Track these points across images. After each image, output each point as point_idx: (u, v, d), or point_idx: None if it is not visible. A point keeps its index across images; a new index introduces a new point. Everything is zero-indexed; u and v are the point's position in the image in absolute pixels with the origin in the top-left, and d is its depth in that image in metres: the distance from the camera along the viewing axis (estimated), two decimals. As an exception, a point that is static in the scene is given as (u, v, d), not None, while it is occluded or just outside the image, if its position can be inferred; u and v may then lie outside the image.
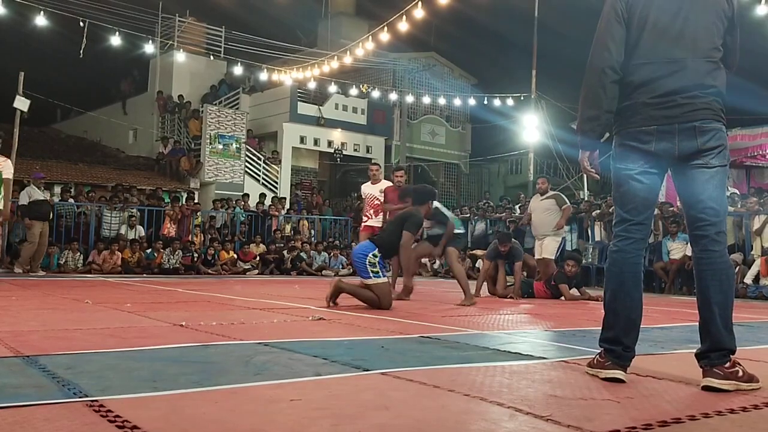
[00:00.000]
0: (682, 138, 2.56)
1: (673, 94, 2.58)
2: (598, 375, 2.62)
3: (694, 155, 2.57)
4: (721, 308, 2.52)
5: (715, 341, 2.50)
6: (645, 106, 2.61)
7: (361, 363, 2.78)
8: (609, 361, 2.61)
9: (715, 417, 2.05)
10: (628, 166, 2.66)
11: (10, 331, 3.57)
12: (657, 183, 2.70)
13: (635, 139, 2.64)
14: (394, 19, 14.27)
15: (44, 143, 20.94)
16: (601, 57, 2.68)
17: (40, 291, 7.01)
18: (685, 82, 2.58)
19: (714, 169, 2.58)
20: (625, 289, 2.65)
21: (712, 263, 2.56)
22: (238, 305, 5.78)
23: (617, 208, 2.76)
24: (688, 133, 2.55)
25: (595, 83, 2.68)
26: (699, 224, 2.60)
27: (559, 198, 9.08)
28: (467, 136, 24.44)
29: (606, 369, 2.60)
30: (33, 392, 2.10)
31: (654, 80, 2.62)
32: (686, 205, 2.66)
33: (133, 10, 17.75)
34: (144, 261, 12.51)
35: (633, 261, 2.67)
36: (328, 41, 21.87)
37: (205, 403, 2.05)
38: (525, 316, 5.76)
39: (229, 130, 18.18)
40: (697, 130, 2.55)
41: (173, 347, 3.15)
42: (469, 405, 2.12)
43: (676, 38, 2.62)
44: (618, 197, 2.73)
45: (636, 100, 2.64)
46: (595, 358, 2.72)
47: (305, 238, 15.42)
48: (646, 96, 2.62)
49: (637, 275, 2.68)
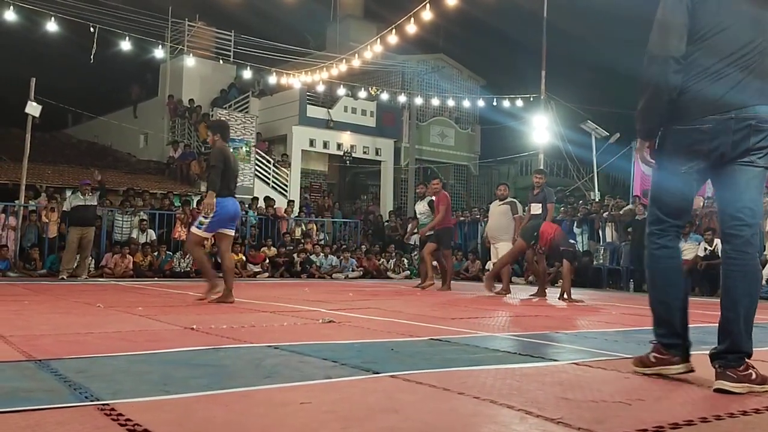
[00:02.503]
0: (737, 135, 2.51)
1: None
2: (665, 372, 2.63)
3: (744, 153, 2.53)
4: (746, 310, 2.49)
5: (734, 343, 2.47)
6: (703, 101, 2.54)
7: (371, 366, 2.78)
8: (675, 356, 2.64)
9: (727, 419, 2.04)
10: (675, 165, 2.63)
11: (23, 335, 3.60)
12: (700, 183, 2.70)
13: (688, 137, 2.59)
14: (402, 22, 14.26)
15: (56, 148, 21.09)
16: (665, 45, 2.58)
17: (52, 295, 7.06)
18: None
19: (759, 169, 2.55)
20: (674, 283, 2.68)
21: (745, 265, 2.53)
22: (249, 308, 5.79)
23: (655, 206, 2.73)
24: (744, 131, 2.50)
25: (657, 72, 2.58)
26: (735, 224, 2.57)
27: (513, 206, 9.31)
28: (476, 138, 24.39)
29: (674, 365, 2.63)
30: (45, 396, 2.11)
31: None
32: (724, 202, 2.63)
33: (144, 16, 17.85)
34: (156, 264, 12.58)
35: (676, 255, 2.73)
36: (337, 44, 21.90)
37: (215, 406, 2.05)
38: (535, 319, 5.74)
39: (238, 134, 18.23)
40: (752, 128, 2.50)
41: (184, 351, 3.16)
42: (478, 408, 2.11)
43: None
44: (658, 195, 2.71)
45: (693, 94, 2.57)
46: (648, 356, 2.72)
47: (314, 241, 15.45)
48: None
49: (681, 269, 2.75)
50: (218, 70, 21.26)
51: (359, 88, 19.62)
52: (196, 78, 21.22)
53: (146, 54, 16.90)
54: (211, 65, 21.05)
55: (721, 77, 2.54)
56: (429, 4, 13.44)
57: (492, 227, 9.56)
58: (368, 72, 20.43)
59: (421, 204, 10.23)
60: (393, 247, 15.81)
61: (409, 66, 22.32)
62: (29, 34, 15.75)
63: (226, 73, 21.72)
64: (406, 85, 22.13)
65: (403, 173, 22.06)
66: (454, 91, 22.59)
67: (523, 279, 13.57)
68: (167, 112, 21.15)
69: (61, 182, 15.67)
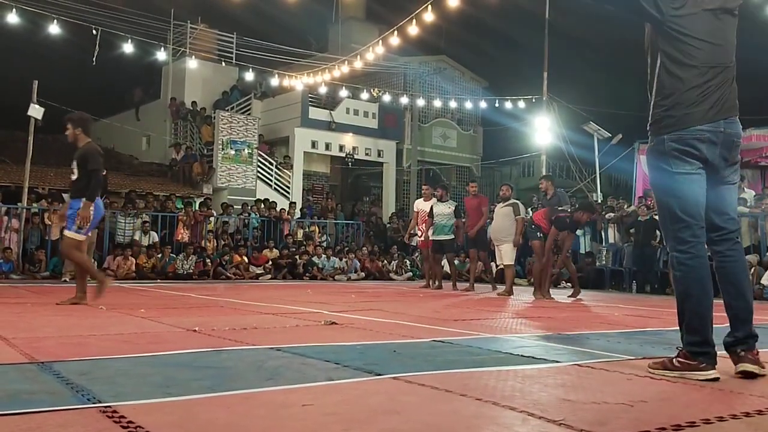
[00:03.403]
0: (723, 148, 2.75)
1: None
2: (694, 377, 2.66)
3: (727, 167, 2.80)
4: (751, 296, 2.79)
5: (749, 328, 2.71)
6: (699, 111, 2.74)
7: (373, 367, 2.78)
8: (703, 363, 2.68)
9: (730, 420, 2.03)
10: (684, 168, 2.75)
11: (25, 337, 3.60)
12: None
13: (687, 144, 2.74)
14: (404, 23, 14.27)
15: (58, 150, 21.02)
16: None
17: (54, 297, 7.06)
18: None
19: (736, 183, 2.87)
20: (706, 292, 2.74)
21: (741, 258, 2.82)
22: (251, 310, 5.79)
23: (677, 212, 2.76)
24: (728, 144, 2.76)
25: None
26: (723, 232, 2.81)
27: (515, 207, 9.37)
28: (479, 139, 24.38)
29: (702, 371, 2.67)
30: (47, 398, 2.12)
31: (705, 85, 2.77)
32: (712, 211, 2.81)
33: (146, 18, 17.89)
34: (159, 266, 12.60)
35: (707, 264, 2.77)
36: (339, 46, 21.91)
37: (217, 409, 2.05)
38: (537, 320, 5.73)
39: (241, 136, 18.25)
40: (734, 144, 2.77)
41: (186, 353, 3.16)
42: (480, 409, 2.11)
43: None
44: (676, 201, 2.77)
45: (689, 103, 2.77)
46: (672, 360, 2.76)
47: (316, 243, 15.45)
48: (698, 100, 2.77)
49: (710, 277, 2.79)
50: (220, 72, 21.28)
51: (361, 89, 19.62)
52: (198, 80, 21.24)
53: (148, 56, 16.92)
54: (213, 67, 21.06)
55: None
56: (431, 6, 13.45)
57: (495, 229, 9.59)
58: (370, 74, 20.43)
59: (444, 206, 10.22)
60: (395, 248, 15.81)
61: (411, 68, 22.32)
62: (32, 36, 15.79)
63: (228, 75, 21.74)
64: (408, 87, 22.13)
65: (406, 175, 22.06)
66: (456, 92, 22.58)
67: (525, 280, 13.57)
68: (169, 114, 21.17)
69: (64, 185, 15.66)
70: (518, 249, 9.81)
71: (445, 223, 10.11)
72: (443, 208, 10.19)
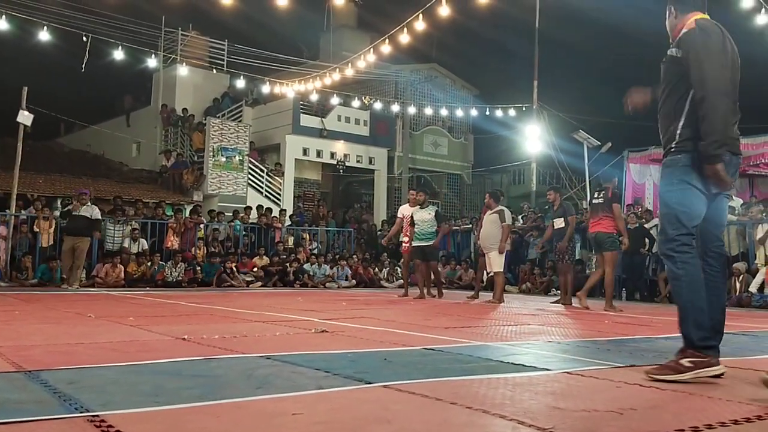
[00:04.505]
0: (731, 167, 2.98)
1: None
2: (706, 374, 2.78)
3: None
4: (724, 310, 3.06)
5: (721, 338, 2.96)
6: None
7: (364, 376, 2.77)
8: (710, 357, 2.83)
9: (718, 428, 2.04)
10: (698, 184, 2.94)
11: (13, 345, 3.58)
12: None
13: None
14: (395, 32, 14.33)
15: (48, 157, 20.99)
16: (726, 84, 2.93)
17: (42, 305, 7.01)
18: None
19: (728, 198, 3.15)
20: (703, 291, 2.93)
21: (725, 272, 3.18)
22: (241, 318, 5.77)
23: (679, 222, 2.96)
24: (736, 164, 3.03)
25: (726, 107, 2.91)
26: (717, 244, 3.10)
27: (501, 214, 9.37)
28: (469, 147, 24.48)
29: (712, 366, 2.81)
30: (34, 408, 2.10)
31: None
32: (709, 224, 3.04)
33: (137, 25, 17.86)
34: (148, 274, 12.54)
35: (699, 266, 2.99)
36: (330, 54, 21.96)
37: (207, 418, 2.04)
38: (528, 327, 5.74)
39: (232, 143, 18.23)
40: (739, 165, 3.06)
41: (175, 361, 3.14)
42: (471, 418, 2.11)
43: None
44: (683, 212, 2.96)
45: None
46: (680, 362, 2.84)
47: (307, 250, 15.41)
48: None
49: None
50: (211, 79, 21.27)
51: (353, 97, 19.66)
52: (189, 87, 21.22)
53: (139, 63, 16.91)
54: (204, 74, 21.05)
55: None
56: (422, 15, 13.51)
57: (483, 236, 9.60)
58: (361, 81, 20.49)
59: (423, 212, 9.95)
60: (386, 256, 15.79)
61: (402, 75, 22.40)
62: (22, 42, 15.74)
63: (219, 83, 21.74)
64: (399, 95, 22.20)
65: (397, 182, 22.08)
66: (447, 100, 22.68)
67: (516, 288, 13.59)
68: (160, 121, 21.13)
69: (53, 192, 15.60)
70: (507, 256, 9.79)
71: (426, 230, 9.88)
72: (423, 214, 9.91)
